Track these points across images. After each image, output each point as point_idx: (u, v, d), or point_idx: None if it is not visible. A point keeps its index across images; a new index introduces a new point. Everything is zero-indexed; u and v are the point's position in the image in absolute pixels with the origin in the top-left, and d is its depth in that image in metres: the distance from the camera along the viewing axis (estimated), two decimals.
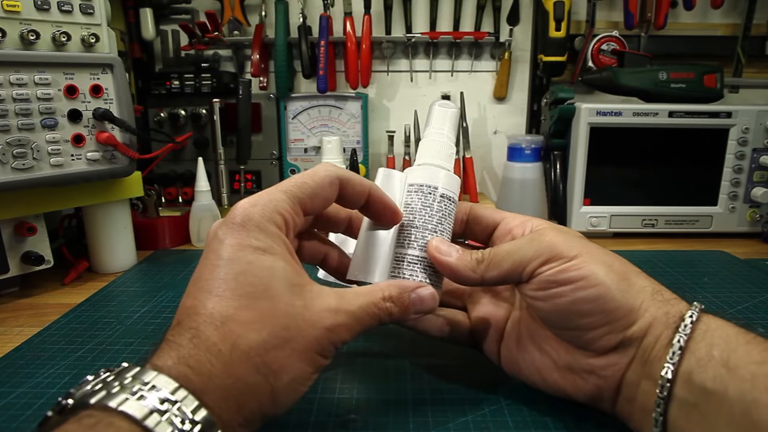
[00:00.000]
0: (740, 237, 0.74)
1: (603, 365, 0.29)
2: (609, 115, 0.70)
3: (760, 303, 0.50)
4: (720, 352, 0.25)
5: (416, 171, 0.34)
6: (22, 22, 0.49)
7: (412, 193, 0.33)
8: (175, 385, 0.22)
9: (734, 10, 0.90)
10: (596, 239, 0.76)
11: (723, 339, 0.25)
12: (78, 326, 0.46)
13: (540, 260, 0.29)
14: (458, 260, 0.31)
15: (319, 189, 0.30)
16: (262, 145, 0.86)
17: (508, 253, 0.30)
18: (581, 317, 0.28)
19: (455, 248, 0.32)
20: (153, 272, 0.60)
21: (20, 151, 0.48)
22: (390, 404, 0.34)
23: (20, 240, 0.53)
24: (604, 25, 0.90)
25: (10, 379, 0.37)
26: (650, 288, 0.29)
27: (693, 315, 0.27)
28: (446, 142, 0.35)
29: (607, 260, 0.29)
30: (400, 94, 0.96)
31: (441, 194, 0.33)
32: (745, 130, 0.70)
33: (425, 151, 0.34)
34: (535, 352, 0.32)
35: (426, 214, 0.32)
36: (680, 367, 0.25)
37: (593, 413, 0.31)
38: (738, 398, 0.23)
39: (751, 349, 0.24)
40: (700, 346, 0.25)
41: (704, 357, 0.25)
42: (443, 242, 0.32)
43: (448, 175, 0.33)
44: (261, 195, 0.28)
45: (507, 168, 0.81)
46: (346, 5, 0.85)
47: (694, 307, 0.27)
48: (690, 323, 0.26)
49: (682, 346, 0.26)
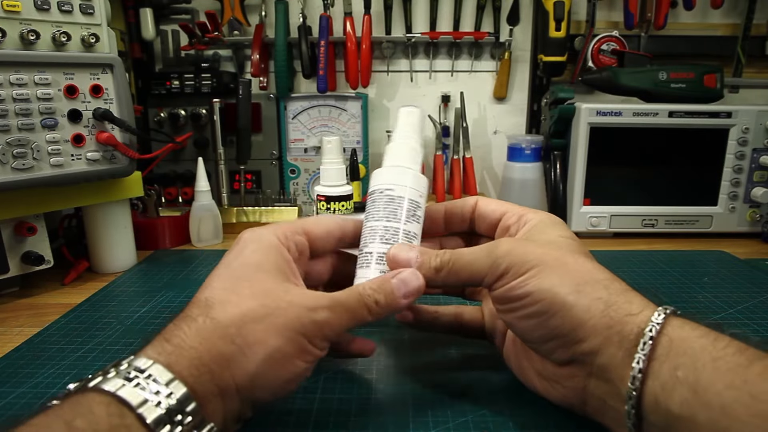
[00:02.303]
0: (740, 237, 0.74)
1: (564, 375, 0.29)
2: (609, 115, 0.70)
3: (760, 303, 0.50)
4: (685, 374, 0.23)
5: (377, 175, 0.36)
6: (22, 22, 0.49)
7: (372, 196, 0.35)
8: (150, 363, 0.24)
9: (734, 10, 0.90)
10: (596, 239, 0.77)
11: (688, 356, 0.24)
12: (78, 326, 0.46)
13: (493, 276, 0.30)
14: (420, 268, 0.31)
15: (323, 220, 0.35)
16: (262, 145, 0.86)
17: (466, 264, 0.31)
18: (531, 331, 0.29)
19: (414, 255, 0.32)
20: (153, 272, 0.60)
21: (20, 151, 0.48)
22: (390, 404, 0.34)
23: (20, 240, 0.53)
24: (604, 25, 0.90)
25: (10, 379, 0.37)
26: (603, 303, 0.27)
27: (653, 330, 0.25)
28: (410, 143, 0.36)
29: (560, 270, 0.28)
30: (400, 94, 0.96)
31: (398, 195, 0.34)
32: (745, 130, 0.70)
33: (387, 155, 0.37)
34: (522, 356, 0.33)
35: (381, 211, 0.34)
36: (644, 391, 0.24)
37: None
38: (709, 426, 0.22)
39: (719, 367, 0.23)
40: (663, 368, 0.24)
41: (668, 381, 0.24)
42: (402, 249, 0.32)
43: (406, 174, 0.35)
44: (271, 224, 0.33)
45: (507, 168, 0.81)
46: (346, 5, 0.85)
47: (657, 316, 0.26)
48: (650, 340, 0.25)
49: (642, 368, 0.24)
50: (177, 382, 0.23)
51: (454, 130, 0.89)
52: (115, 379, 0.23)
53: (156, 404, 0.22)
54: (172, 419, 0.22)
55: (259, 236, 0.31)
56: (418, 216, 0.34)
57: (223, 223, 0.73)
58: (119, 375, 0.23)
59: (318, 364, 0.29)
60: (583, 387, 0.28)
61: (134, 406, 0.22)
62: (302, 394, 0.34)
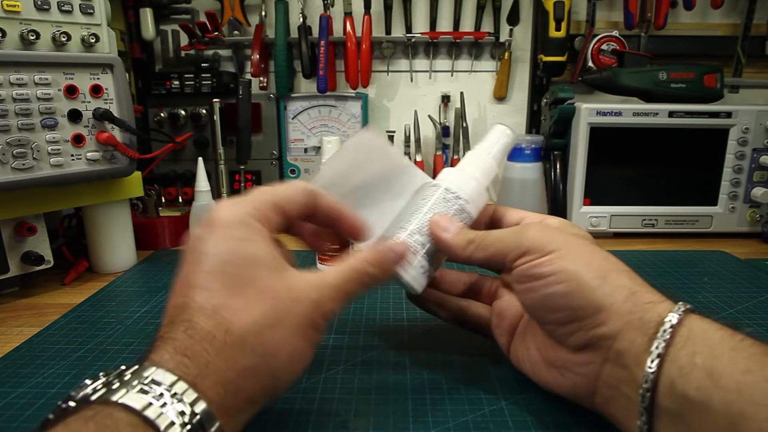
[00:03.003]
0: (740, 237, 0.74)
1: (578, 362, 0.29)
2: (609, 115, 0.70)
3: (760, 303, 0.50)
4: (703, 360, 0.24)
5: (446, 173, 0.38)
6: (22, 22, 0.49)
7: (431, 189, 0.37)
8: (173, 378, 0.23)
9: (734, 10, 0.90)
10: (596, 239, 0.76)
11: (707, 345, 0.24)
12: (78, 326, 0.46)
13: (518, 252, 0.31)
14: (454, 236, 0.33)
15: (295, 194, 0.31)
16: (262, 145, 0.86)
17: (495, 240, 0.32)
18: (551, 312, 0.29)
19: (455, 225, 0.34)
20: (153, 272, 0.60)
21: (20, 151, 0.48)
22: (390, 404, 0.34)
23: (20, 240, 0.53)
24: (604, 25, 0.90)
25: (10, 379, 0.37)
26: (627, 289, 0.28)
27: (673, 319, 0.26)
28: (487, 158, 0.38)
29: (586, 257, 0.29)
30: (400, 94, 0.96)
31: (457, 195, 0.36)
32: (745, 130, 0.70)
33: (465, 160, 0.38)
34: (531, 346, 0.33)
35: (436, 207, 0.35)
36: (661, 375, 0.25)
37: (593, 413, 0.30)
38: (723, 409, 0.22)
39: (736, 356, 0.23)
40: (681, 354, 0.24)
41: (686, 365, 0.24)
42: (444, 217, 0.34)
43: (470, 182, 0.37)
44: (240, 197, 0.30)
45: (507, 168, 0.81)
46: (346, 5, 0.85)
47: (677, 309, 0.26)
48: (670, 328, 0.25)
49: (660, 353, 0.25)
50: (201, 402, 0.22)
51: (454, 130, 0.89)
52: (139, 395, 0.22)
53: (181, 425, 0.21)
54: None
55: (239, 220, 0.28)
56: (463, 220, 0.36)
57: None
58: (140, 387, 0.22)
59: (318, 364, 0.29)
60: (596, 374, 0.28)
61: (162, 430, 0.21)
62: (302, 394, 0.34)
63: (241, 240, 0.28)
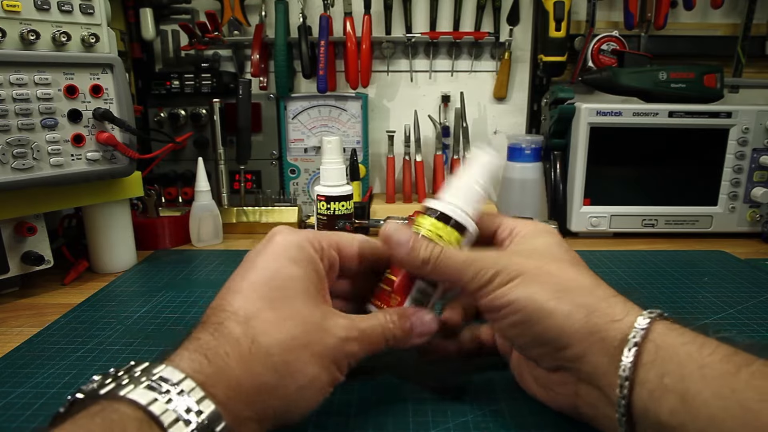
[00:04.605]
0: (740, 237, 0.74)
1: (557, 382, 0.30)
2: (609, 115, 0.70)
3: (760, 303, 0.50)
4: (673, 382, 0.23)
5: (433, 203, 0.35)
6: (22, 22, 0.49)
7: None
8: (181, 375, 0.23)
9: (734, 10, 0.90)
10: (596, 239, 0.77)
11: (675, 363, 0.24)
12: (78, 326, 0.46)
13: (477, 284, 0.29)
14: (408, 255, 0.31)
15: (351, 237, 0.34)
16: (262, 145, 0.86)
17: (452, 265, 0.30)
18: (517, 338, 0.30)
19: (406, 237, 0.31)
20: (153, 272, 0.60)
21: (20, 151, 0.48)
22: (390, 404, 0.34)
23: (20, 240, 0.53)
24: (604, 25, 0.90)
25: (10, 379, 0.37)
26: (586, 308, 0.27)
27: (636, 336, 0.25)
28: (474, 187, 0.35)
29: (543, 279, 0.28)
30: (400, 94, 0.96)
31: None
32: (745, 130, 0.70)
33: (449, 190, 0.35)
34: (522, 363, 0.33)
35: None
36: (633, 398, 0.24)
37: None
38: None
39: (706, 375, 0.23)
40: (650, 375, 0.24)
41: (656, 389, 0.24)
42: (398, 228, 0.32)
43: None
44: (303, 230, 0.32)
45: (507, 168, 0.81)
46: (346, 5, 0.84)
47: (641, 323, 0.25)
48: (635, 346, 0.25)
49: (628, 376, 0.24)
50: (209, 401, 0.22)
51: (454, 130, 0.89)
52: (146, 390, 0.22)
53: (185, 422, 0.21)
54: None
55: (297, 243, 0.30)
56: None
57: (223, 223, 0.73)
58: (147, 383, 0.22)
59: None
60: (574, 393, 0.28)
61: (165, 426, 0.21)
62: None
63: (290, 261, 0.29)
